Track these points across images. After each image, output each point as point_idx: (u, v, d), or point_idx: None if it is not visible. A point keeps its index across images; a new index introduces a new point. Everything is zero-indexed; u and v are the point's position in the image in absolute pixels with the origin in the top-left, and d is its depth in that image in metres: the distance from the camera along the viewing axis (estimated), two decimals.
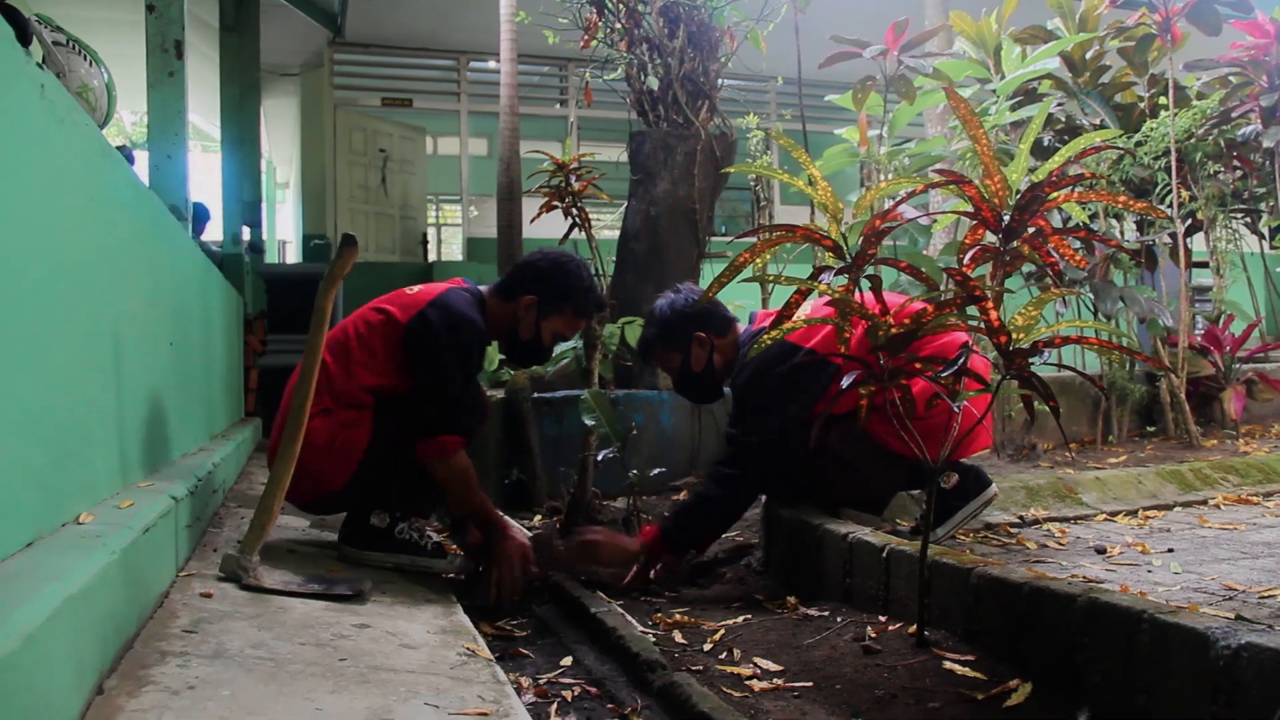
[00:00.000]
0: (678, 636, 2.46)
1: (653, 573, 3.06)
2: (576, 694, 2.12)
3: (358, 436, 2.78)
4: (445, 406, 2.82)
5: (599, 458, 3.53)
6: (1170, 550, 2.81)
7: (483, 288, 3.10)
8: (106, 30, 7.73)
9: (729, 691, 2.02)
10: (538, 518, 4.16)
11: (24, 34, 1.57)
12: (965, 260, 2.12)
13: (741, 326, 3.24)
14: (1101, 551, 2.82)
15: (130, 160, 4.28)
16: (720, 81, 5.55)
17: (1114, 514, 3.43)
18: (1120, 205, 2.19)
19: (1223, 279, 5.46)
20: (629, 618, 2.53)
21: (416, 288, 3.00)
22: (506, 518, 3.05)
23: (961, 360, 2.05)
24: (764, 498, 3.19)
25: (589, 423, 3.53)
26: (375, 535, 2.85)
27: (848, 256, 2.23)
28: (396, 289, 3.06)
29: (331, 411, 2.79)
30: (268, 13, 8.23)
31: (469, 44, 11.31)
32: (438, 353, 2.81)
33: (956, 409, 2.13)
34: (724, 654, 2.30)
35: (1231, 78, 5.13)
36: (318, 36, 10.58)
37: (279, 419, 2.86)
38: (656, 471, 3.75)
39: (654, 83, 5.35)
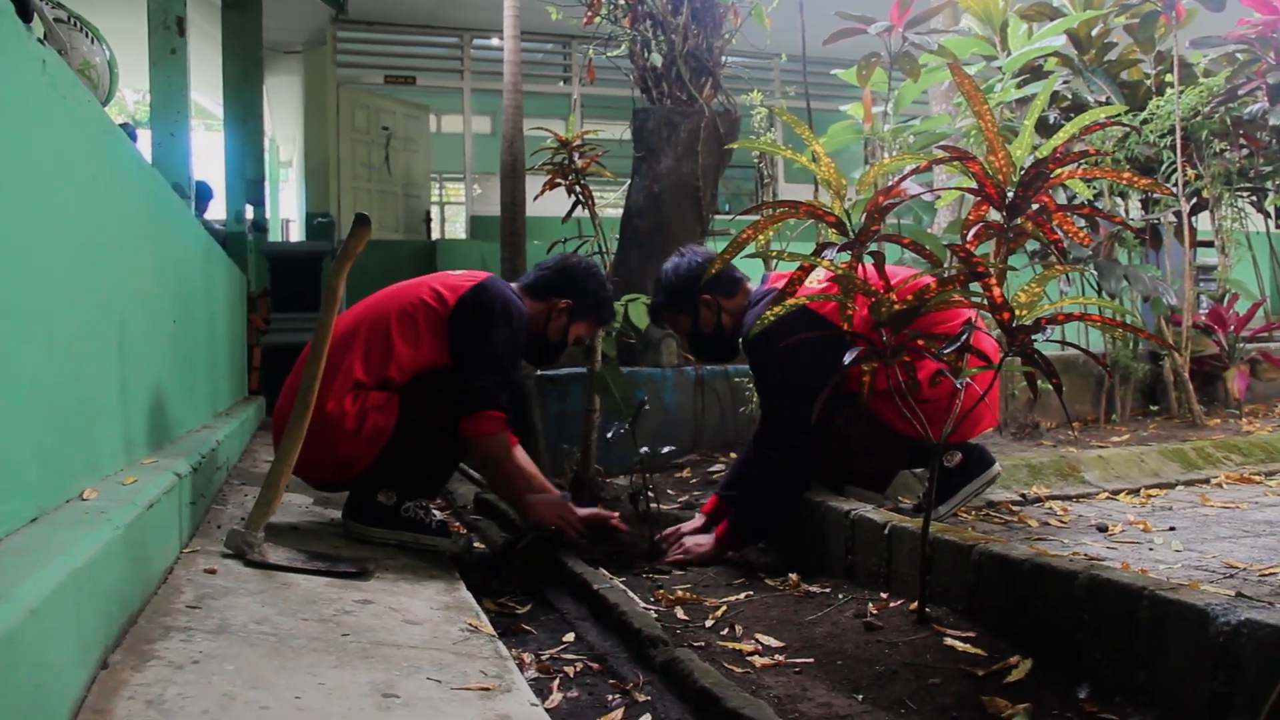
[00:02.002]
0: (680, 613, 2.46)
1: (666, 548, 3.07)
2: (579, 670, 2.13)
3: (385, 420, 2.79)
4: (495, 380, 2.85)
5: (609, 435, 3.53)
6: (1172, 528, 2.81)
7: (513, 285, 3.13)
8: (108, 7, 7.68)
9: (730, 667, 2.02)
10: None
11: (25, 10, 1.57)
12: (969, 237, 2.11)
13: (753, 286, 3.22)
14: (1103, 529, 2.82)
15: (133, 138, 4.27)
16: (724, 58, 5.52)
17: (1116, 492, 3.43)
18: (1125, 183, 2.18)
19: (1227, 258, 5.44)
20: (631, 594, 2.54)
21: (460, 272, 3.04)
22: (534, 496, 2.99)
23: (964, 338, 2.05)
24: None
25: (607, 402, 3.52)
26: (381, 512, 2.86)
27: (851, 233, 2.22)
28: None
29: (364, 389, 2.80)
30: None
31: (472, 21, 11.25)
32: (491, 328, 2.85)
33: (960, 386, 2.13)
34: (726, 630, 2.30)
35: (1238, 55, 5.09)
36: (321, 13, 10.52)
37: (284, 396, 2.87)
38: (668, 449, 3.74)
39: (657, 59, 5.32)
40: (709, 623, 2.37)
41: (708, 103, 5.31)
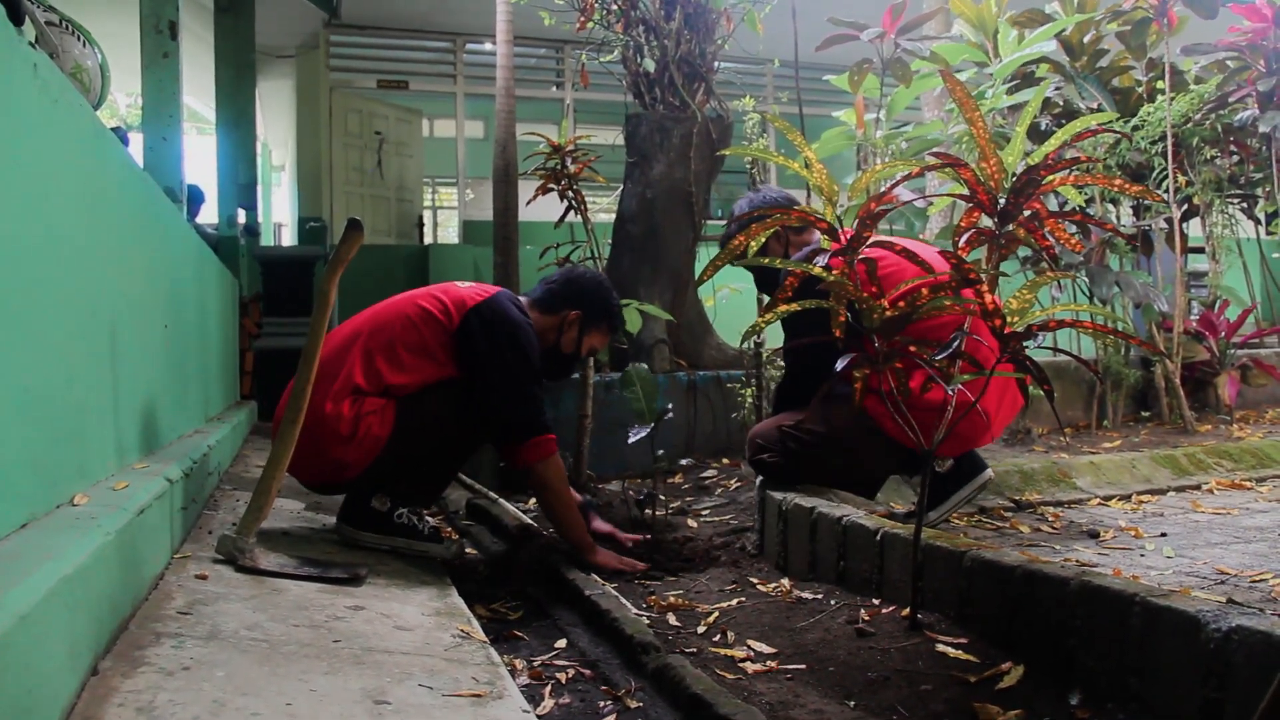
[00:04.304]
0: (672, 619, 2.46)
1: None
2: (570, 676, 2.13)
3: (381, 427, 2.79)
4: (529, 403, 2.88)
5: (631, 440, 3.52)
6: (1163, 534, 2.82)
7: (522, 298, 3.13)
8: (101, 10, 7.68)
9: (722, 674, 2.02)
10: (532, 500, 4.16)
11: (16, 13, 1.56)
12: (961, 243, 2.12)
13: (816, 235, 3.13)
14: (1095, 535, 2.83)
15: (125, 142, 4.26)
16: (717, 64, 5.53)
17: (1108, 498, 3.44)
18: (1116, 189, 2.18)
19: (1218, 264, 5.46)
20: (623, 600, 2.54)
21: (467, 284, 3.03)
22: (592, 545, 3.00)
23: (956, 344, 2.05)
24: (759, 479, 3.19)
25: (628, 396, 3.52)
26: (374, 517, 2.86)
27: (842, 239, 2.22)
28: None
29: (362, 394, 2.80)
30: None
31: (465, 26, 11.25)
32: (502, 348, 2.85)
33: (951, 392, 2.13)
34: (718, 636, 2.30)
35: (1229, 62, 5.11)
36: (313, 18, 10.51)
37: (284, 401, 2.87)
38: (686, 461, 3.72)
39: (650, 65, 5.33)
40: (701, 629, 2.37)
41: (700, 108, 5.32)
